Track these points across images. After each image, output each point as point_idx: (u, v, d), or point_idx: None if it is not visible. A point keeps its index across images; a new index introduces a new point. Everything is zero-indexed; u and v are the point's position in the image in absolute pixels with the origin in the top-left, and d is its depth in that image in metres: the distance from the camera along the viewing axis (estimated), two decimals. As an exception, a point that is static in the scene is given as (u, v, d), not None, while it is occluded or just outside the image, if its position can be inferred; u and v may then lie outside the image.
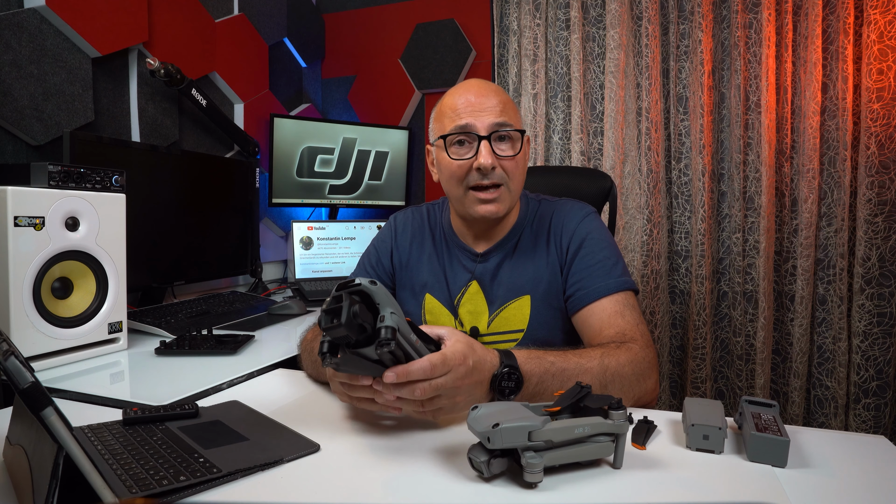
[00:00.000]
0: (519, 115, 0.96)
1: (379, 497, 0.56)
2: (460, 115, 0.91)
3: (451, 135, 0.92)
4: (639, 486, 0.58)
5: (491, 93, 0.92)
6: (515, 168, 0.93)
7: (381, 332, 0.58)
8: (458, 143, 0.92)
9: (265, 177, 2.08)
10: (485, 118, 0.90)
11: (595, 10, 2.02)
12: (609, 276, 0.92)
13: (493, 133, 0.90)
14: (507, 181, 0.92)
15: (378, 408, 0.68)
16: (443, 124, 0.94)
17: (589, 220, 0.99)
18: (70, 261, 1.02)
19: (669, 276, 2.00)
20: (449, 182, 0.95)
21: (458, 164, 0.92)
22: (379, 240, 1.13)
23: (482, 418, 0.57)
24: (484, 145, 0.89)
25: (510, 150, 0.92)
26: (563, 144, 2.07)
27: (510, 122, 0.91)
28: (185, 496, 0.55)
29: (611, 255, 0.96)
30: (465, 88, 0.93)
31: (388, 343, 0.58)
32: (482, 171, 0.90)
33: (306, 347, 0.94)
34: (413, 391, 0.62)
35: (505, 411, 0.58)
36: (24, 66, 1.28)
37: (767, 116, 1.79)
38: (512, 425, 0.55)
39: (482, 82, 0.95)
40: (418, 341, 0.64)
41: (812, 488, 0.58)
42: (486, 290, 1.00)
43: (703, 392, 1.92)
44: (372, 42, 2.41)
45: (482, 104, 0.91)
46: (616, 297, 0.91)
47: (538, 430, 0.56)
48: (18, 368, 0.47)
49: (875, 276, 1.72)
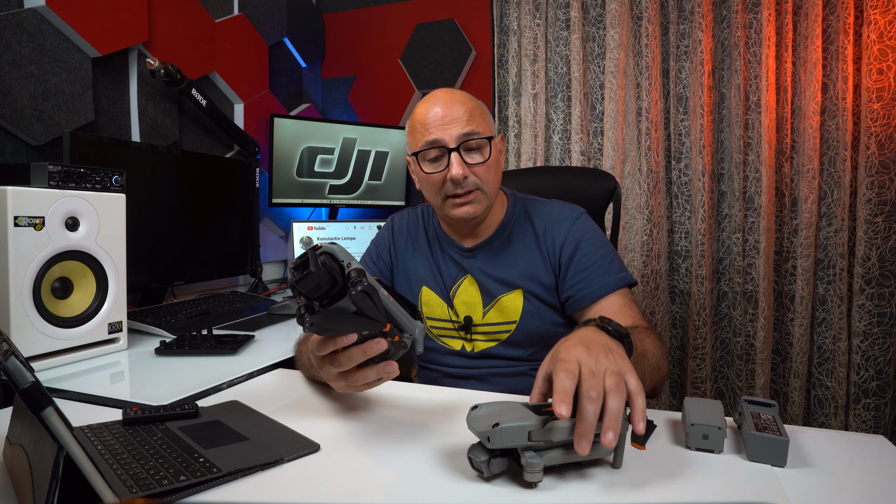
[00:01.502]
0: (488, 120, 0.99)
1: (379, 497, 0.56)
2: (429, 130, 0.94)
3: (422, 151, 0.96)
4: (639, 486, 0.58)
5: (456, 103, 0.95)
6: (487, 172, 0.96)
7: (350, 274, 0.60)
8: (431, 160, 0.96)
9: (265, 177, 2.08)
10: (452, 130, 0.93)
11: (595, 10, 2.02)
12: (609, 274, 0.96)
13: (461, 144, 0.93)
14: (481, 185, 0.96)
15: (375, 377, 0.67)
16: (415, 139, 0.98)
17: (581, 221, 1.02)
18: (70, 261, 1.02)
19: (669, 276, 2.00)
20: (428, 193, 1.01)
21: (432, 178, 0.96)
22: (379, 238, 1.18)
23: (482, 418, 0.57)
24: (454, 157, 0.93)
25: (480, 158, 0.95)
26: (563, 144, 2.07)
27: (477, 131, 0.94)
28: (185, 496, 0.55)
29: (607, 253, 0.99)
30: (433, 101, 0.96)
31: (361, 282, 0.59)
32: (455, 182, 0.94)
33: (299, 350, 0.96)
34: (589, 408, 0.54)
35: (505, 411, 0.58)
36: (24, 66, 1.28)
37: (767, 116, 1.79)
38: (512, 425, 0.55)
39: (448, 93, 0.97)
40: (390, 296, 0.64)
41: (812, 488, 0.58)
42: (480, 283, 1.03)
43: (703, 392, 1.92)
44: (372, 42, 2.41)
45: (449, 116, 0.94)
46: (620, 293, 0.95)
47: (538, 429, 0.56)
48: (18, 368, 0.47)
49: (875, 276, 1.72)
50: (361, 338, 0.64)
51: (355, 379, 0.68)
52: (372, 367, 0.67)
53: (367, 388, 0.71)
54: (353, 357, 0.65)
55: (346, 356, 0.66)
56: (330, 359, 0.68)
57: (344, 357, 0.66)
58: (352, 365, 0.66)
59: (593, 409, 0.54)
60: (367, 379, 0.68)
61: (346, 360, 0.66)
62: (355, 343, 0.64)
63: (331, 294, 0.61)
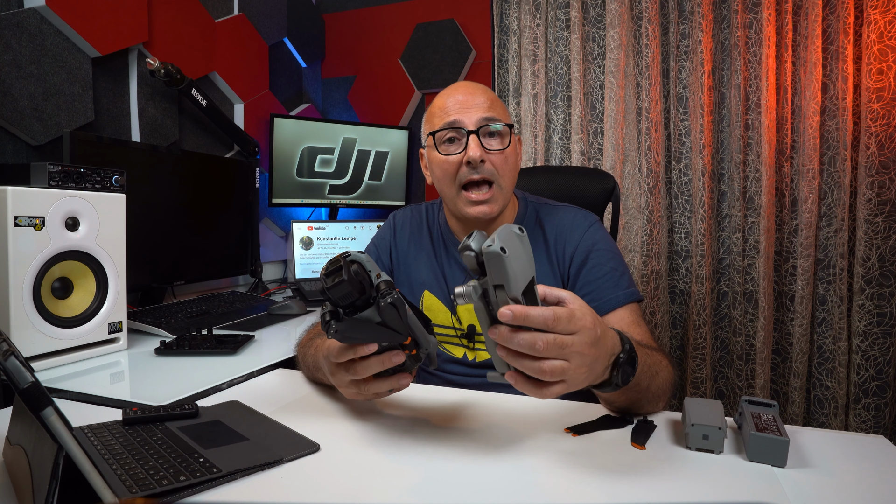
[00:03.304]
0: (507, 114, 0.99)
1: (379, 497, 0.56)
2: (449, 113, 0.94)
3: (440, 131, 0.94)
4: (639, 486, 0.58)
5: (478, 91, 0.95)
6: (504, 163, 0.94)
7: (380, 286, 0.60)
8: (448, 141, 0.94)
9: (265, 177, 2.08)
10: (472, 114, 0.93)
11: (595, 10, 2.02)
12: (618, 288, 0.93)
13: (481, 127, 0.92)
14: (496, 178, 0.93)
15: (387, 388, 0.67)
16: (432, 123, 0.97)
17: (594, 229, 0.99)
18: (70, 261, 1.02)
19: (669, 276, 2.00)
20: (441, 181, 0.97)
21: (448, 160, 0.94)
22: (379, 237, 1.14)
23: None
24: (472, 139, 0.92)
25: (499, 145, 0.94)
26: (563, 144, 2.07)
27: (498, 118, 0.94)
28: (185, 496, 0.55)
29: (618, 265, 0.96)
30: (454, 89, 0.97)
31: (391, 294, 0.60)
32: (472, 165, 0.91)
33: (302, 351, 0.95)
34: (533, 343, 0.53)
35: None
36: (24, 66, 1.28)
37: (767, 116, 1.79)
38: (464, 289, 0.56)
39: (470, 83, 0.98)
40: (409, 310, 0.64)
41: (812, 488, 0.58)
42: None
43: (703, 392, 1.92)
44: (372, 42, 2.41)
45: (470, 102, 0.93)
46: (630, 308, 0.92)
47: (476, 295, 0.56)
48: (18, 368, 0.47)
49: (875, 276, 1.72)
50: (380, 349, 0.65)
51: (368, 388, 0.69)
52: (385, 379, 0.68)
53: (376, 398, 0.71)
54: (370, 367, 0.66)
55: (364, 365, 0.66)
56: (346, 366, 0.68)
57: (361, 366, 0.67)
58: (368, 374, 0.67)
59: (527, 343, 0.53)
60: (380, 389, 0.68)
61: (363, 369, 0.66)
62: (374, 353, 0.65)
63: (357, 303, 0.61)
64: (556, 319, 0.54)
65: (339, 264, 0.60)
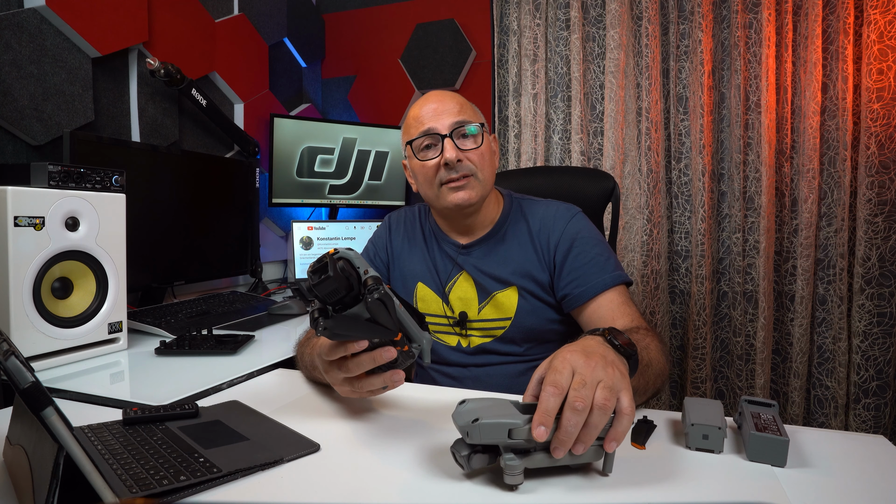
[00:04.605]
0: (478, 115, 1.03)
1: (379, 497, 0.56)
2: (423, 122, 0.99)
3: (417, 139, 0.99)
4: (639, 486, 0.58)
5: (448, 98, 1.00)
6: (482, 158, 0.99)
7: (367, 282, 0.60)
8: (426, 148, 0.99)
9: (265, 177, 2.08)
10: (444, 119, 0.98)
11: (595, 10, 2.02)
12: (604, 272, 0.96)
13: (454, 130, 0.97)
14: (475, 171, 0.98)
15: (381, 385, 0.68)
16: (409, 133, 1.02)
17: (577, 219, 1.03)
18: (70, 261, 1.02)
19: (669, 276, 2.00)
20: (424, 185, 1.02)
21: (427, 165, 0.99)
22: (376, 236, 1.19)
23: (465, 413, 0.57)
24: (447, 142, 0.96)
25: (473, 144, 0.98)
26: (563, 144, 2.07)
27: (469, 120, 0.98)
28: (185, 496, 0.55)
29: (602, 251, 1.00)
30: (426, 99, 1.01)
31: (378, 290, 0.59)
32: (449, 166, 0.96)
33: (300, 350, 0.96)
34: (573, 412, 0.53)
35: (490, 407, 0.57)
36: (24, 66, 1.28)
37: (767, 116, 1.79)
38: (491, 421, 0.54)
39: (440, 91, 1.03)
40: (400, 306, 0.65)
41: (811, 488, 0.58)
42: (475, 280, 1.04)
43: (703, 392, 1.92)
44: (372, 42, 2.41)
45: (441, 108, 0.99)
46: (617, 290, 0.96)
47: (519, 427, 0.54)
48: (18, 368, 0.47)
49: (875, 276, 1.72)
50: (372, 345, 0.65)
51: (361, 385, 0.69)
52: (379, 375, 0.68)
53: (371, 395, 0.71)
54: (361, 364, 0.66)
55: (355, 362, 0.67)
56: (338, 364, 0.69)
57: (353, 363, 0.67)
58: (360, 371, 0.67)
59: (575, 420, 0.53)
60: (373, 386, 0.69)
61: (355, 366, 0.67)
62: (365, 350, 0.65)
63: (345, 300, 0.61)
64: (556, 384, 0.55)
65: (326, 261, 0.60)
